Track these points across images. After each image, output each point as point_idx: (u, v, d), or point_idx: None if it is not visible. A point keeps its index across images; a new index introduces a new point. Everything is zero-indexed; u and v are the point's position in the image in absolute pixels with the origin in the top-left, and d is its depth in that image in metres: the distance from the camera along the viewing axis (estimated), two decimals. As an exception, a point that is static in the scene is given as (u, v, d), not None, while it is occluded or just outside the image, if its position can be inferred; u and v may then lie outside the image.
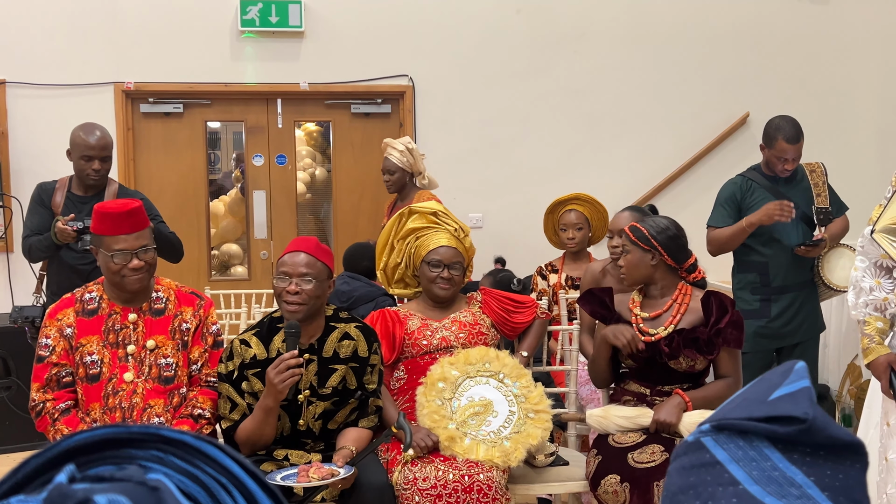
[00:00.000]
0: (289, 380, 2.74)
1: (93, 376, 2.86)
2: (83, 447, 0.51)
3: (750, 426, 0.77)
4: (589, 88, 6.01)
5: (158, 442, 0.53)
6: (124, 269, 2.83)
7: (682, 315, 3.09)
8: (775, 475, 0.75)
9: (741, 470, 0.76)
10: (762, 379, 0.83)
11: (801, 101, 5.94)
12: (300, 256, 2.88)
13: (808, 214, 4.13)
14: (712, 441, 0.79)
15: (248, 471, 0.54)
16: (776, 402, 0.78)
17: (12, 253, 5.44)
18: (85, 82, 5.58)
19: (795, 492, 0.75)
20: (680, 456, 0.83)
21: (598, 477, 2.95)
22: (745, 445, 0.77)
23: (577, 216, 4.31)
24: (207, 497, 0.52)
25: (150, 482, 0.46)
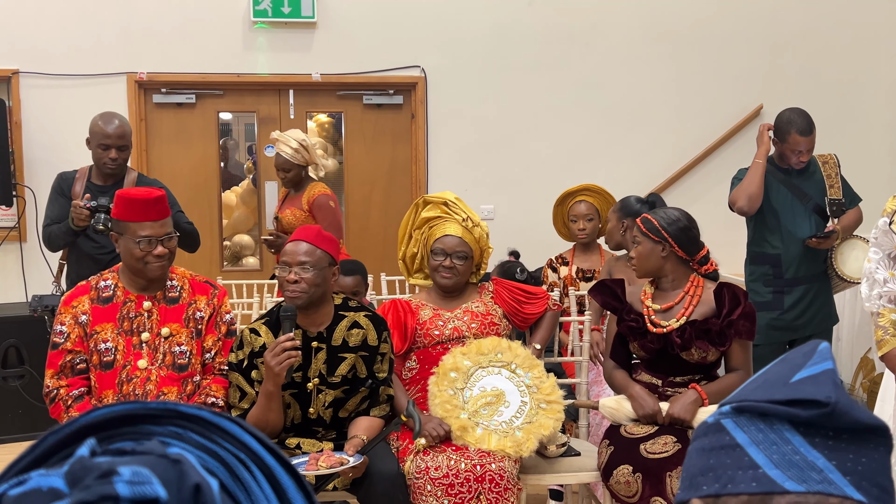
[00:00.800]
0: (285, 362, 2.74)
1: (107, 363, 2.88)
2: (101, 423, 0.51)
3: (771, 409, 0.76)
4: (601, 80, 5.99)
5: (176, 418, 0.53)
6: (148, 255, 2.86)
7: (694, 307, 3.08)
8: (796, 459, 0.74)
9: (761, 453, 0.75)
10: (784, 359, 0.81)
11: (815, 92, 5.91)
12: (300, 245, 2.88)
13: (820, 206, 4.11)
14: (733, 423, 0.78)
15: (267, 447, 0.54)
16: (798, 385, 0.76)
17: (26, 242, 5.47)
18: (98, 72, 5.60)
19: (816, 476, 0.73)
20: (700, 437, 0.82)
21: (610, 467, 2.95)
22: (765, 428, 0.76)
23: (588, 207, 4.30)
24: (226, 472, 0.52)
25: (171, 455, 0.47)
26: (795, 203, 4.11)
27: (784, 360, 0.82)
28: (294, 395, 2.92)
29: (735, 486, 0.75)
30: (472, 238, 3.30)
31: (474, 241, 3.31)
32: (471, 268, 3.33)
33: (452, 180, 5.86)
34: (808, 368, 0.78)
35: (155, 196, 2.86)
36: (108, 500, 0.43)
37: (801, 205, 4.11)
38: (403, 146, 6.05)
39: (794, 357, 0.81)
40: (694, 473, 0.80)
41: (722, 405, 0.83)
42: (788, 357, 0.82)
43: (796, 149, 4.01)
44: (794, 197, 4.12)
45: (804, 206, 4.11)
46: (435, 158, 5.95)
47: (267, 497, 0.52)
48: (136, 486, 0.43)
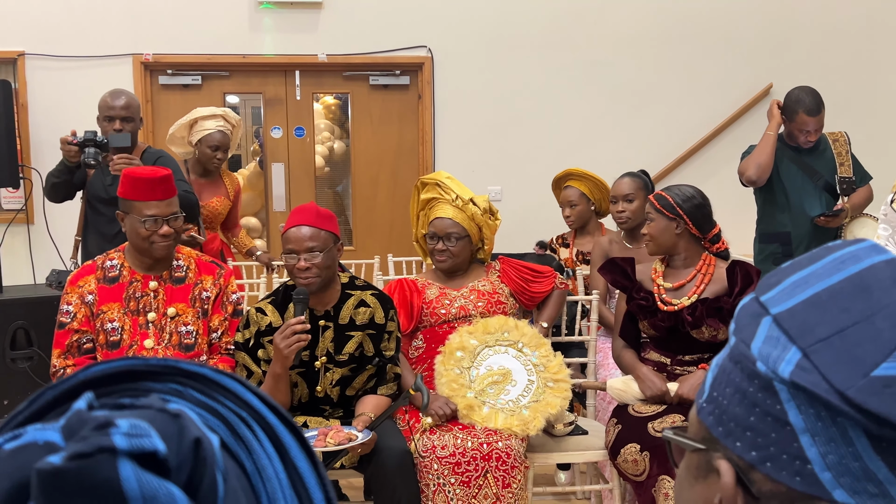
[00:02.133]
0: (294, 345, 2.73)
1: (113, 343, 2.88)
2: (100, 379, 0.50)
3: (841, 407, 0.63)
4: (609, 60, 5.95)
5: (177, 375, 0.52)
6: (154, 235, 2.85)
7: (706, 285, 3.06)
8: (854, 466, 0.63)
9: (815, 448, 0.64)
10: (875, 316, 0.64)
11: (825, 70, 5.86)
12: (303, 230, 2.84)
13: (831, 184, 4.08)
14: (788, 395, 0.65)
15: (269, 405, 0.53)
16: (880, 390, 0.62)
17: (33, 225, 5.47)
18: (103, 54, 5.59)
19: (873, 489, 0.63)
20: (739, 374, 0.68)
21: (617, 446, 2.94)
22: (827, 418, 0.64)
23: (573, 193, 4.26)
24: (227, 430, 0.51)
25: (171, 410, 0.45)
26: (805, 181, 4.09)
27: (876, 314, 0.64)
28: (301, 374, 2.91)
29: (775, 471, 0.65)
30: (464, 217, 3.26)
31: (467, 219, 3.26)
32: (468, 247, 3.30)
33: (459, 161, 5.84)
34: None
35: (161, 175, 2.85)
36: (105, 451, 0.42)
37: (811, 182, 4.08)
38: (410, 127, 6.02)
39: (886, 321, 0.64)
40: (728, 413, 0.69)
41: (779, 350, 0.66)
42: (882, 311, 0.64)
43: (804, 128, 3.99)
44: (804, 174, 4.09)
45: (814, 183, 4.08)
46: (442, 139, 5.93)
47: (269, 455, 0.51)
48: (134, 438, 0.42)
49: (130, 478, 0.42)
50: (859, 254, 0.68)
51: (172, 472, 0.43)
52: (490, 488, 2.81)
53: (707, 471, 0.70)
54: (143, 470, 0.42)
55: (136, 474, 0.42)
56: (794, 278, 0.69)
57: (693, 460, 0.73)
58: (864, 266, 0.67)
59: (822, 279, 0.67)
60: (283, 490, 0.51)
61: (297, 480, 0.52)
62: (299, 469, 0.52)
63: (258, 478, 0.51)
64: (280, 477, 0.51)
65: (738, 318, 0.71)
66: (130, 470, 0.42)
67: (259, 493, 0.50)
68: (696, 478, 0.72)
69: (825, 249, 0.70)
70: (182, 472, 0.44)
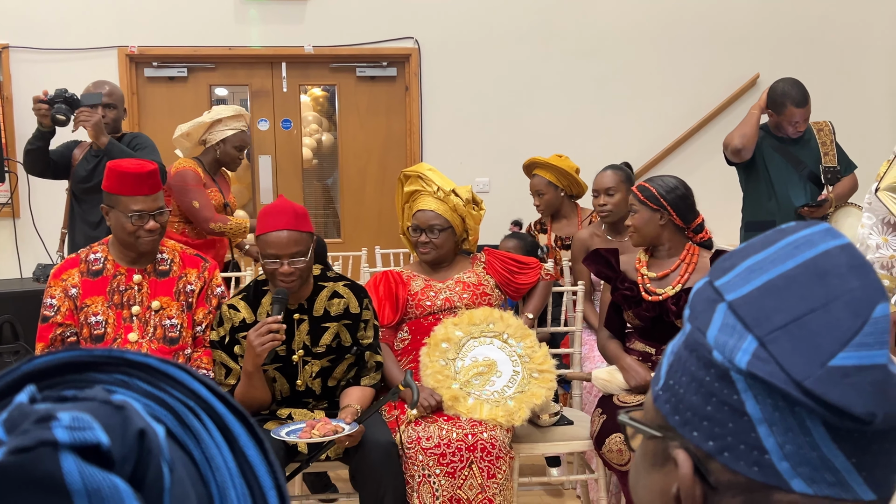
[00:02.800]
0: (268, 343, 2.70)
1: (97, 336, 2.87)
2: (43, 371, 0.50)
3: (798, 398, 0.62)
4: (597, 50, 5.94)
5: (122, 365, 0.51)
6: (140, 230, 2.83)
7: (689, 274, 3.06)
8: (812, 456, 0.63)
9: (772, 438, 0.63)
10: (832, 304, 0.64)
11: (812, 61, 5.87)
12: (284, 235, 2.76)
13: (815, 173, 4.09)
14: (745, 385, 0.64)
15: (217, 394, 0.53)
16: (838, 380, 0.61)
17: (19, 219, 5.45)
18: (88, 46, 5.56)
19: (830, 478, 0.63)
20: (694, 362, 0.68)
21: (602, 436, 2.95)
22: (784, 408, 0.63)
23: (539, 182, 4.28)
24: (175, 420, 0.50)
25: (114, 402, 0.45)
26: (790, 170, 4.10)
27: (833, 301, 0.64)
28: (279, 369, 2.90)
29: (733, 461, 0.65)
30: (446, 208, 3.25)
31: (449, 210, 3.25)
32: (452, 238, 3.29)
33: (447, 153, 5.84)
34: (856, 350, 0.62)
35: (147, 170, 2.82)
36: (47, 445, 0.42)
37: (796, 172, 4.09)
38: (398, 119, 6.01)
39: (843, 310, 0.63)
40: (684, 402, 0.68)
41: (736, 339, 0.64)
42: (836, 303, 0.64)
43: (792, 120, 4.00)
44: (788, 164, 4.10)
45: (798, 173, 4.09)
46: (429, 131, 5.92)
47: (217, 445, 0.51)
48: (76, 431, 0.42)
49: (73, 471, 0.41)
50: (813, 238, 0.67)
51: (117, 465, 0.43)
52: (475, 479, 2.81)
53: (664, 459, 0.69)
54: (86, 463, 0.42)
55: (79, 467, 0.42)
56: (749, 263, 0.68)
57: (649, 447, 0.72)
58: (818, 251, 0.66)
59: (777, 264, 0.67)
60: (232, 479, 0.51)
61: (247, 469, 0.52)
62: (248, 457, 0.52)
63: (207, 467, 0.50)
64: (229, 466, 0.51)
65: (693, 304, 0.70)
66: (73, 463, 0.42)
67: (208, 483, 0.50)
68: (653, 465, 0.71)
69: (778, 233, 0.69)
70: (127, 463, 0.43)
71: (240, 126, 4.25)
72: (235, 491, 0.51)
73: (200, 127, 4.24)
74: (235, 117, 4.25)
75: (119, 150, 3.77)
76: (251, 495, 0.51)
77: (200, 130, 4.24)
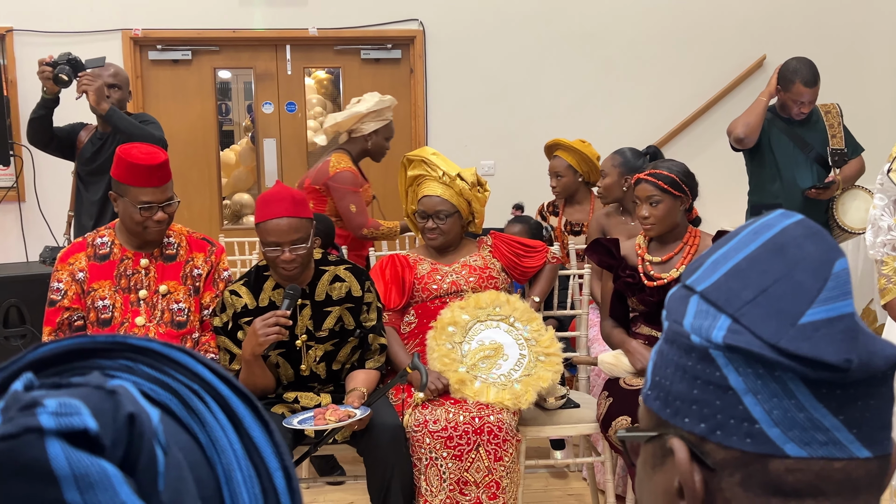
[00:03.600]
0: (272, 336, 2.71)
1: (104, 321, 2.88)
2: (48, 359, 0.50)
3: (777, 360, 0.64)
4: (602, 31, 5.91)
5: (126, 351, 0.51)
6: (148, 220, 2.83)
7: (691, 256, 3.06)
8: (800, 417, 0.64)
9: (759, 406, 0.64)
10: (793, 271, 0.66)
11: (818, 42, 5.83)
12: (284, 222, 2.75)
13: (822, 155, 4.07)
14: (725, 360, 0.66)
15: (221, 376, 0.53)
16: (810, 333, 0.63)
17: (24, 202, 5.45)
18: (92, 29, 5.54)
19: (821, 437, 0.64)
20: (676, 349, 0.69)
21: (609, 418, 2.96)
22: (765, 375, 0.64)
23: (560, 164, 4.26)
24: (179, 404, 0.50)
25: (108, 386, 0.45)
26: (797, 152, 4.08)
27: (793, 271, 0.66)
28: (283, 355, 2.91)
29: (726, 437, 0.65)
30: (452, 193, 3.24)
31: (455, 195, 3.25)
32: (458, 223, 3.29)
33: (452, 136, 5.82)
34: (822, 305, 0.65)
35: (157, 162, 2.80)
36: (32, 432, 0.41)
37: (803, 154, 4.08)
38: (402, 101, 5.98)
39: (804, 274, 0.66)
40: (672, 393, 0.69)
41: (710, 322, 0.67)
42: (799, 269, 0.66)
43: (798, 99, 3.98)
44: (795, 146, 4.08)
45: (805, 155, 4.08)
46: (434, 114, 5.90)
47: (222, 426, 0.51)
48: (62, 417, 0.42)
49: (59, 456, 0.41)
50: (771, 222, 0.70)
51: (107, 449, 0.43)
52: (482, 462, 2.82)
53: (663, 456, 0.70)
54: (74, 448, 0.42)
55: (66, 452, 0.42)
56: (714, 257, 0.71)
57: (648, 451, 0.73)
58: (776, 230, 0.69)
59: (740, 251, 0.69)
60: (238, 461, 0.51)
61: (253, 451, 0.52)
62: (254, 438, 0.52)
63: (213, 450, 0.50)
64: (235, 447, 0.51)
65: (668, 304, 0.73)
66: (59, 448, 0.41)
67: (214, 466, 0.50)
68: (654, 467, 0.72)
69: (741, 227, 0.73)
70: (117, 448, 0.43)
71: (389, 116, 4.19)
72: (241, 473, 0.51)
73: (354, 117, 4.14)
74: (387, 108, 4.16)
75: (119, 117, 3.78)
76: (258, 476, 0.51)
77: (353, 121, 4.14)
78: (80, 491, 0.42)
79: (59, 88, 3.83)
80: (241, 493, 0.50)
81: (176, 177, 3.87)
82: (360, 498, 3.56)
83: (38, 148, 4.13)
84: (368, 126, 4.14)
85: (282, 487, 0.52)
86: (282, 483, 0.52)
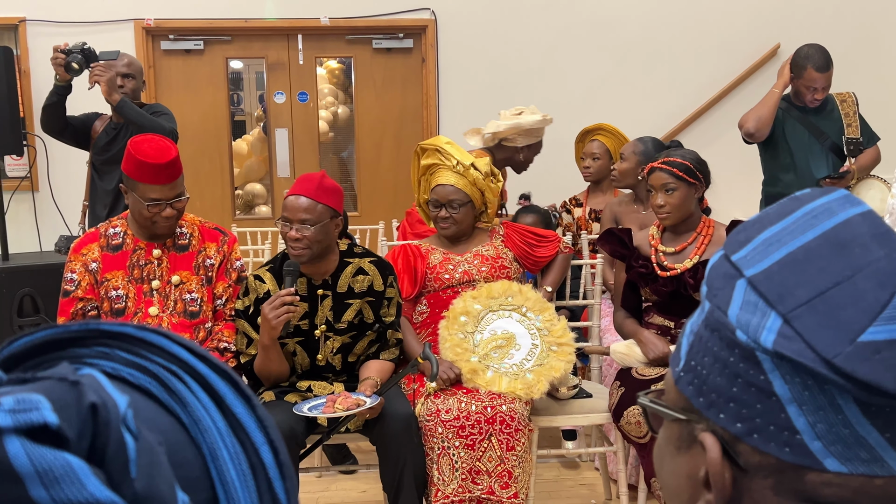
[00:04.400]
0: (283, 316, 2.72)
1: (118, 311, 2.89)
2: (24, 352, 0.49)
3: (828, 376, 0.59)
4: (615, 19, 5.88)
5: (101, 337, 0.51)
6: (157, 216, 2.84)
7: (706, 246, 3.04)
8: (844, 433, 0.60)
9: (803, 417, 0.61)
10: (857, 276, 0.61)
11: (833, 31, 5.78)
12: (300, 200, 2.80)
13: (837, 145, 4.04)
14: (772, 365, 0.61)
15: (199, 355, 0.52)
16: (869, 356, 0.59)
17: (38, 192, 5.48)
18: (105, 19, 5.55)
19: (864, 455, 0.61)
20: (718, 339, 0.65)
21: (620, 408, 2.95)
22: (813, 387, 0.60)
23: (598, 146, 4.26)
24: (159, 386, 0.50)
25: (71, 378, 0.44)
26: (812, 141, 4.05)
27: (857, 273, 0.61)
28: (301, 343, 2.92)
29: (763, 442, 0.62)
30: (465, 182, 3.23)
31: (469, 184, 3.24)
32: (472, 212, 3.28)
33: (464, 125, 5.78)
34: (886, 324, 0.59)
35: (166, 160, 2.80)
36: None
37: (818, 143, 4.05)
38: (414, 91, 5.98)
39: (869, 281, 0.60)
40: (708, 384, 0.65)
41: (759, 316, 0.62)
42: (863, 271, 0.61)
43: (811, 85, 3.95)
44: (810, 135, 4.06)
45: (820, 144, 4.05)
46: (446, 103, 5.89)
47: (204, 405, 0.51)
48: (18, 413, 0.41)
49: (20, 454, 0.41)
50: (832, 206, 0.65)
51: (72, 442, 0.42)
52: (494, 451, 2.83)
53: (690, 442, 0.68)
54: (35, 444, 0.41)
55: (27, 449, 0.41)
56: (765, 235, 0.65)
57: (674, 430, 0.70)
58: (839, 220, 0.64)
59: (796, 236, 0.64)
60: (223, 438, 0.50)
61: (237, 426, 0.51)
62: (237, 415, 0.51)
63: (196, 430, 0.50)
64: (219, 426, 0.51)
65: (710, 280, 0.67)
66: (19, 446, 0.41)
67: (199, 445, 0.50)
68: (678, 448, 0.69)
69: (794, 201, 0.66)
70: (83, 439, 0.43)
71: (541, 136, 4.21)
72: (227, 450, 0.50)
73: (514, 129, 4.13)
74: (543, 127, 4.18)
75: (130, 108, 3.80)
76: (244, 453, 0.51)
77: (513, 132, 4.13)
78: (45, 487, 0.41)
79: (69, 76, 3.86)
80: (229, 470, 0.50)
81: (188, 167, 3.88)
82: (372, 487, 3.57)
83: (51, 136, 4.15)
84: (523, 140, 4.15)
85: (269, 461, 0.51)
86: (269, 457, 0.51)
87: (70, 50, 3.81)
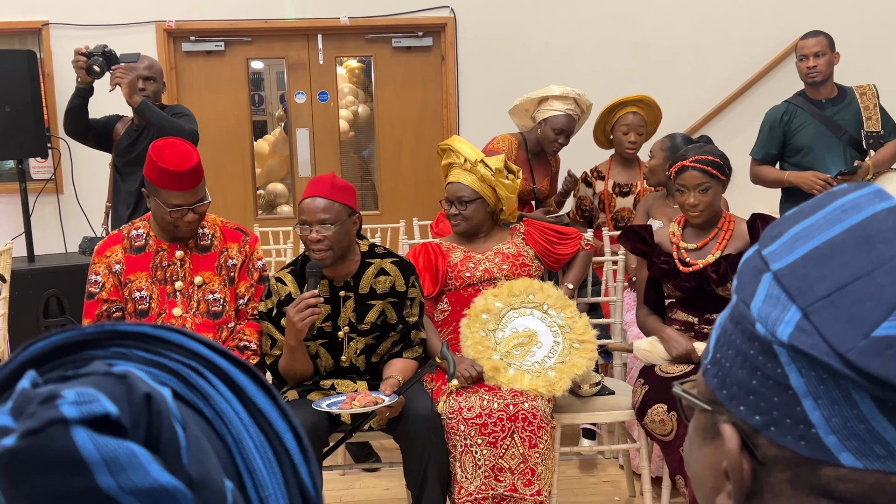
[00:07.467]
0: (308, 318, 2.73)
1: (142, 312, 2.92)
2: (41, 356, 0.50)
3: (843, 371, 0.59)
4: (636, 15, 5.85)
5: (117, 338, 0.52)
6: (179, 220, 2.86)
7: (727, 241, 3.03)
8: (860, 428, 0.60)
9: (818, 412, 0.61)
10: (876, 271, 0.61)
11: (856, 24, 5.72)
12: (317, 202, 2.82)
13: (856, 139, 4.01)
14: (788, 358, 0.62)
15: (217, 350, 0.53)
16: (881, 351, 0.58)
17: (62, 194, 5.53)
18: (127, 22, 5.59)
19: (880, 451, 0.60)
20: (740, 332, 0.65)
21: (644, 406, 2.94)
22: (829, 381, 0.60)
23: (641, 120, 4.20)
24: (179, 382, 0.51)
25: (116, 372, 0.46)
26: (829, 136, 4.02)
27: (877, 268, 0.60)
28: (324, 345, 2.93)
29: (780, 436, 0.63)
30: (473, 179, 3.23)
31: (477, 181, 3.23)
32: (482, 209, 3.27)
33: (483, 123, 5.80)
34: None
35: (188, 168, 2.82)
36: (56, 423, 0.42)
37: (835, 137, 4.02)
38: (434, 89, 5.98)
39: (888, 276, 0.60)
40: (730, 377, 0.66)
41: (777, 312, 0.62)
42: (883, 265, 0.60)
43: (801, 53, 4.03)
44: (827, 130, 4.02)
45: (837, 138, 4.01)
46: (465, 101, 5.89)
47: (226, 398, 0.52)
48: (82, 405, 0.43)
49: (87, 443, 0.42)
50: (861, 201, 0.64)
51: (129, 431, 0.44)
52: (517, 448, 2.83)
53: (714, 433, 0.68)
54: (99, 434, 0.43)
55: (92, 439, 0.42)
56: (796, 230, 0.66)
57: (701, 421, 0.71)
58: (865, 215, 0.63)
59: (824, 230, 0.64)
60: (247, 429, 0.51)
61: (259, 417, 0.52)
62: (259, 405, 0.52)
63: (220, 422, 0.51)
64: (241, 417, 0.52)
65: (741, 274, 0.68)
66: (85, 436, 0.42)
67: (224, 437, 0.51)
68: (704, 439, 0.70)
69: (829, 196, 0.66)
70: (139, 429, 0.44)
71: (565, 109, 4.13)
72: (252, 440, 0.51)
73: (530, 101, 4.11)
74: (563, 98, 4.11)
75: (151, 110, 3.83)
76: (268, 441, 0.52)
77: (529, 104, 4.11)
78: (111, 474, 0.42)
79: (91, 79, 3.90)
80: (255, 458, 0.51)
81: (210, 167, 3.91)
82: (395, 484, 3.59)
83: (74, 139, 4.20)
84: (540, 114, 4.11)
85: (293, 448, 0.53)
86: (292, 444, 0.53)
87: (91, 53, 3.85)
